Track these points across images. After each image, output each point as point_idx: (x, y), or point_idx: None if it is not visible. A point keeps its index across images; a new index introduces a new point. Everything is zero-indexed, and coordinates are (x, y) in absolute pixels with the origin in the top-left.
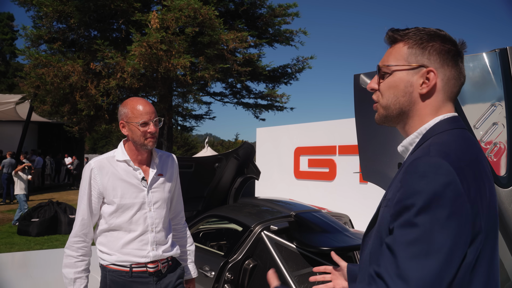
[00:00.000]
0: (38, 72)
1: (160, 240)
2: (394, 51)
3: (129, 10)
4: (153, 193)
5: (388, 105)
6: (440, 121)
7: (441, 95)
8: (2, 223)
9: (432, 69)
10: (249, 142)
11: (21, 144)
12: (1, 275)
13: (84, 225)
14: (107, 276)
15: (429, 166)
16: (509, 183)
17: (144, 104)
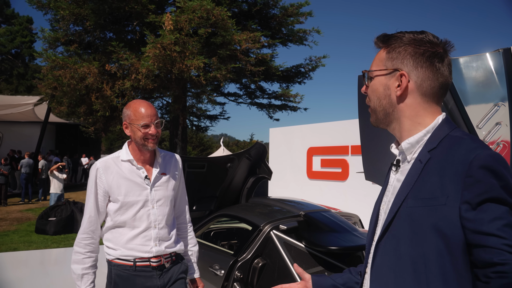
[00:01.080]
0: (55, 74)
1: (163, 236)
2: (376, 57)
3: (143, 12)
4: (156, 191)
5: (375, 108)
6: (443, 119)
7: (418, 96)
8: (20, 222)
9: (403, 72)
10: (261, 142)
11: (39, 145)
12: (20, 272)
13: (91, 222)
14: (113, 270)
15: (494, 158)
16: None
17: (146, 106)
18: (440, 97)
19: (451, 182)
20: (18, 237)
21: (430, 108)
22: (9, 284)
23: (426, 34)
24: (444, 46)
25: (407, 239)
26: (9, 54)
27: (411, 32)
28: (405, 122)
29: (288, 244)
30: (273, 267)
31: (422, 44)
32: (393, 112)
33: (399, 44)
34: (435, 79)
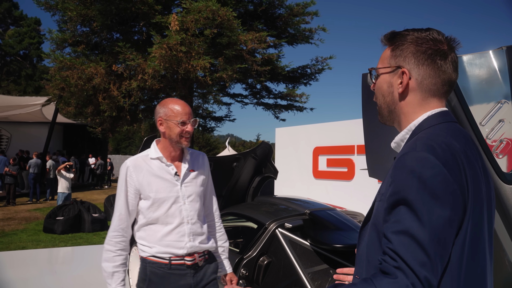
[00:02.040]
0: (63, 74)
1: (196, 231)
2: (382, 55)
3: (150, 12)
4: (186, 187)
5: (380, 105)
6: (428, 116)
7: (419, 93)
8: (29, 221)
9: (404, 70)
10: (267, 142)
11: (47, 145)
12: (28, 271)
13: (121, 220)
14: (147, 267)
15: (416, 160)
16: None
17: (183, 105)
18: (443, 93)
19: (388, 180)
20: (27, 236)
21: (427, 105)
22: (17, 282)
23: (431, 31)
24: (449, 43)
25: (370, 230)
26: (18, 56)
27: (416, 30)
28: (402, 119)
29: (293, 242)
30: (278, 265)
31: (425, 42)
32: (395, 109)
33: (402, 42)
34: (437, 76)
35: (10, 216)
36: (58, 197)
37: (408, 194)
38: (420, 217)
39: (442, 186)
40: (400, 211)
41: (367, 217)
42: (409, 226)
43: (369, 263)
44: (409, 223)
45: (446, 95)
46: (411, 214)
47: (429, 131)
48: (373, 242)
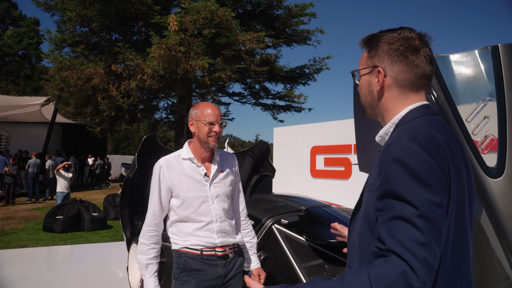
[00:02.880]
0: (62, 74)
1: (225, 229)
2: (361, 58)
3: (149, 13)
4: (215, 188)
5: (363, 103)
6: (410, 110)
7: (396, 88)
8: (28, 220)
9: (379, 68)
10: (264, 141)
11: (46, 145)
12: (28, 268)
13: (155, 216)
14: (182, 257)
15: (401, 150)
16: (499, 174)
17: (213, 107)
18: (420, 87)
19: (375, 171)
20: (26, 235)
21: (407, 100)
22: (17, 279)
23: (402, 30)
24: (421, 38)
25: (362, 220)
26: (16, 56)
27: (388, 30)
28: (385, 115)
29: (289, 237)
30: (274, 260)
31: (396, 40)
32: (377, 106)
33: (376, 43)
34: (410, 71)
35: (9, 215)
36: (57, 197)
37: (397, 182)
38: (412, 202)
39: (428, 173)
40: (391, 199)
41: (356, 208)
42: (402, 211)
43: (362, 252)
44: (401, 209)
45: (423, 88)
46: (402, 200)
47: (411, 123)
48: (365, 232)
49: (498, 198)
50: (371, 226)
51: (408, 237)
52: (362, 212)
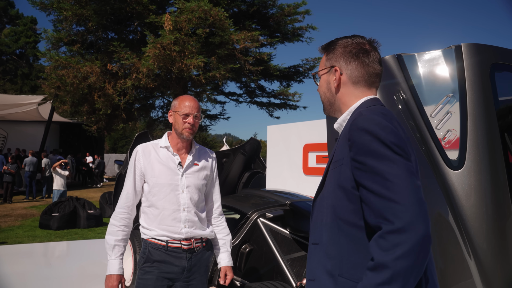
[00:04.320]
0: (59, 73)
1: (191, 219)
2: (321, 61)
3: (144, 12)
4: (187, 178)
5: (322, 100)
6: (365, 101)
7: (351, 84)
8: (25, 218)
9: (336, 68)
10: (255, 138)
11: (43, 144)
12: (24, 264)
13: (128, 198)
14: (148, 247)
15: (368, 121)
16: (460, 166)
17: (190, 100)
18: (371, 83)
19: (344, 146)
20: (23, 232)
21: (361, 94)
22: (13, 275)
23: (355, 37)
24: (370, 43)
25: (334, 193)
26: (14, 55)
27: (343, 37)
28: (342, 108)
29: (274, 231)
30: (259, 252)
31: (350, 44)
32: (335, 101)
33: (333, 47)
34: (362, 69)
35: (6, 213)
36: (54, 194)
37: (370, 142)
38: (393, 161)
39: (393, 134)
40: (372, 165)
41: (319, 189)
42: (385, 170)
43: (340, 221)
44: (384, 168)
45: (374, 85)
46: (382, 161)
47: (368, 109)
48: (341, 202)
49: (458, 189)
50: (348, 194)
51: (405, 197)
52: (334, 186)
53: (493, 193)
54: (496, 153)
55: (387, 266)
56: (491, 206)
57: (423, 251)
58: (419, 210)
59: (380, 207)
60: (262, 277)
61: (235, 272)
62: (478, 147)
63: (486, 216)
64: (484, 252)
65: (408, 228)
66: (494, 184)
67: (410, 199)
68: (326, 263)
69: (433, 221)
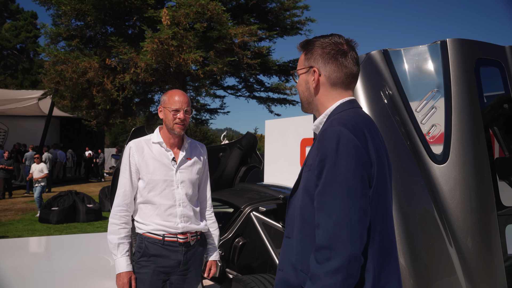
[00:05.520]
0: (58, 68)
1: (187, 214)
2: (299, 60)
3: (143, 7)
4: (181, 173)
5: (301, 99)
6: (340, 104)
7: (329, 85)
8: (25, 212)
9: (315, 68)
10: (251, 132)
11: (43, 138)
12: (23, 258)
13: (126, 195)
14: (144, 242)
15: (333, 133)
16: (444, 160)
17: (179, 94)
18: (348, 84)
19: (314, 153)
20: (23, 226)
21: (338, 96)
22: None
23: (333, 36)
24: (348, 44)
25: (302, 195)
26: (14, 49)
27: (321, 36)
28: (320, 108)
29: (266, 224)
30: (252, 245)
31: (328, 45)
32: (313, 101)
33: (311, 47)
34: (340, 71)
35: (7, 207)
36: (36, 190)
37: (330, 156)
38: (340, 180)
39: (355, 150)
40: (325, 172)
41: (294, 187)
42: (329, 186)
43: (304, 221)
44: (330, 184)
45: (351, 85)
46: (332, 170)
47: (341, 114)
48: (307, 204)
49: (442, 183)
50: (312, 199)
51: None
52: (302, 189)
53: (477, 187)
54: (481, 147)
55: (320, 279)
56: (475, 200)
57: (352, 269)
58: (348, 231)
59: (318, 219)
60: (255, 270)
61: (228, 265)
62: (463, 142)
63: (470, 210)
64: (467, 247)
65: (334, 247)
66: (478, 178)
67: (340, 219)
68: (292, 257)
69: (418, 215)
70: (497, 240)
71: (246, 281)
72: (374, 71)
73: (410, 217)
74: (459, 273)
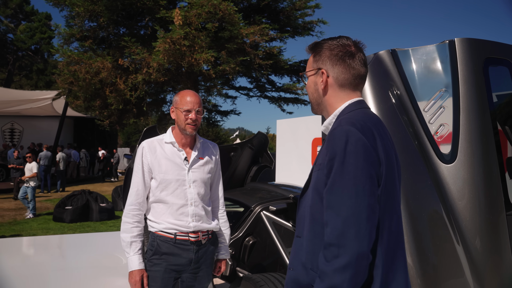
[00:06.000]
0: (71, 69)
1: (199, 214)
2: (308, 62)
3: (155, 7)
4: (193, 173)
5: (310, 100)
6: (349, 104)
7: (337, 87)
8: (40, 211)
9: (323, 70)
10: (262, 132)
11: (57, 138)
12: (38, 256)
13: (138, 195)
14: (156, 240)
15: (342, 132)
16: (452, 159)
17: (191, 95)
18: (356, 85)
19: (323, 152)
20: (37, 224)
21: (346, 96)
22: (28, 265)
23: (340, 38)
24: (356, 45)
25: (312, 195)
26: (29, 50)
27: (329, 38)
28: (328, 109)
29: (277, 224)
30: (262, 245)
31: (336, 47)
32: (322, 102)
33: (320, 49)
34: (348, 72)
35: (22, 206)
36: (29, 192)
37: (339, 155)
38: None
39: (363, 149)
40: (334, 170)
41: (305, 187)
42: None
43: (314, 220)
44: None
45: (359, 86)
46: (341, 168)
47: (350, 115)
48: (317, 203)
49: (450, 182)
50: (322, 198)
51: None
52: (312, 188)
53: (486, 187)
54: (489, 147)
55: (328, 276)
56: (484, 200)
57: (360, 267)
58: (356, 229)
59: (326, 217)
60: (265, 269)
61: (239, 264)
62: (471, 141)
63: (478, 210)
64: (475, 247)
65: (342, 244)
66: (486, 178)
67: (349, 217)
68: (302, 256)
69: (425, 215)
70: (506, 240)
71: (256, 280)
72: (382, 71)
73: (418, 217)
74: (467, 274)
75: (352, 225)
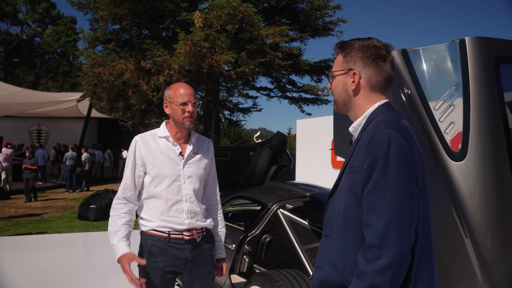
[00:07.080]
0: (95, 71)
1: (194, 210)
2: (336, 61)
3: (176, 10)
4: (188, 168)
5: (336, 100)
6: (378, 106)
7: (368, 88)
8: (65, 210)
9: (355, 71)
10: (281, 132)
11: (82, 139)
12: (64, 252)
13: (125, 189)
14: (148, 240)
15: (384, 136)
16: (462, 157)
17: (185, 87)
18: (385, 88)
19: (361, 156)
20: (63, 223)
21: (376, 98)
22: (54, 261)
23: (372, 40)
24: (386, 48)
25: (346, 196)
26: (55, 53)
27: (360, 39)
28: (357, 110)
29: (293, 222)
30: (279, 242)
31: (368, 49)
32: (350, 102)
33: (351, 50)
34: (380, 75)
35: (48, 205)
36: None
37: (382, 159)
38: (393, 180)
39: (405, 153)
40: (376, 173)
41: (334, 188)
42: (382, 187)
43: (349, 221)
44: (382, 185)
45: (387, 89)
46: (384, 172)
47: (383, 117)
48: (352, 205)
49: (460, 180)
50: (358, 199)
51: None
52: (347, 189)
53: (497, 185)
54: (500, 145)
55: (368, 276)
56: (494, 199)
57: (401, 267)
58: (398, 231)
59: (368, 219)
60: (281, 266)
61: (256, 261)
62: (481, 139)
63: (489, 209)
64: (486, 246)
65: (384, 245)
66: (497, 176)
67: (391, 219)
68: (332, 256)
69: (436, 214)
70: None
71: (271, 275)
72: None
73: None
74: (478, 274)
75: (394, 228)
